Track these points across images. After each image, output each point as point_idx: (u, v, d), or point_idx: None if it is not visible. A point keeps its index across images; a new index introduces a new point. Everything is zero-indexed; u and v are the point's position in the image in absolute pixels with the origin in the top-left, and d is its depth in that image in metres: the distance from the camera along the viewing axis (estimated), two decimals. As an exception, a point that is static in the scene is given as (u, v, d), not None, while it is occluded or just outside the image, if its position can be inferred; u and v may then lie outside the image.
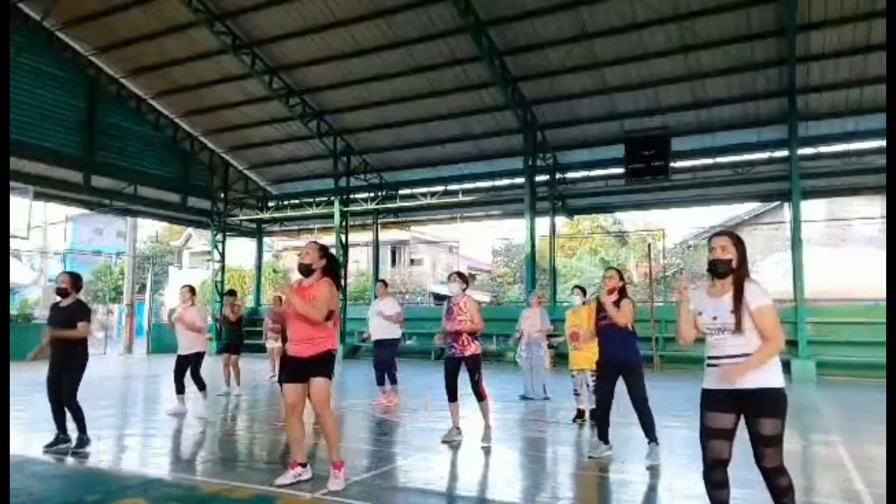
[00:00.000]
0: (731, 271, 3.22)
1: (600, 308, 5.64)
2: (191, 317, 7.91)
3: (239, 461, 5.68)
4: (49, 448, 5.56)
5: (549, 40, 14.10)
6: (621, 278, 5.69)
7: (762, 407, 3.07)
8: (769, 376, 3.09)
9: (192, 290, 8.33)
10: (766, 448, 3.06)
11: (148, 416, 8.49)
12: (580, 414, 7.47)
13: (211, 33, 15.09)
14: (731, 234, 3.35)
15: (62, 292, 5.73)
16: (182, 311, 8.01)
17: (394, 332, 9.13)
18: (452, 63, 15.19)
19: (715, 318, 3.19)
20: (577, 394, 7.54)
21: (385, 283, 9.70)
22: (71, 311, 5.64)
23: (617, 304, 5.51)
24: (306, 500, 4.19)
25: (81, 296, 5.90)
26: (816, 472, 5.52)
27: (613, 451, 5.54)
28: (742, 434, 3.18)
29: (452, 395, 6.22)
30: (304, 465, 4.55)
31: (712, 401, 3.19)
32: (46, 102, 16.63)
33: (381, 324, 9.05)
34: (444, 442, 6.15)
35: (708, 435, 3.19)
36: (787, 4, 12.12)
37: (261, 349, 12.68)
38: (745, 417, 3.13)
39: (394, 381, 8.99)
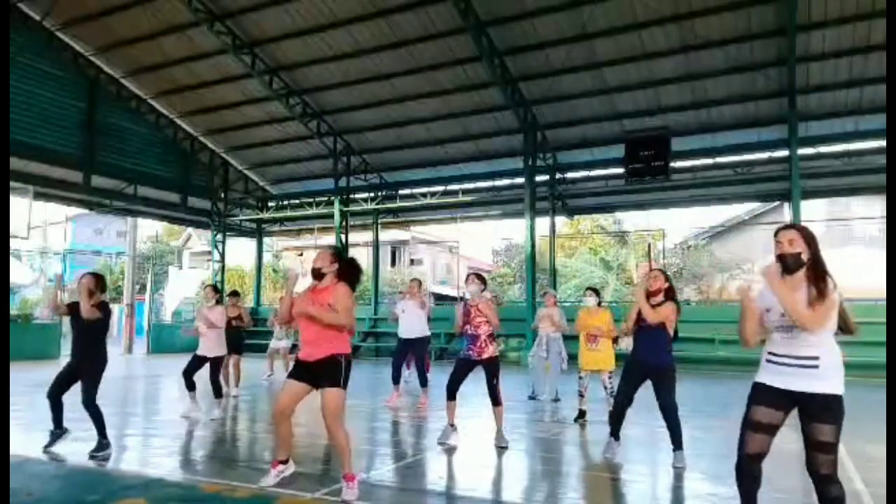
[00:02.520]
0: (801, 265, 3.08)
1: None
2: (214, 315, 7.89)
3: (239, 461, 5.68)
4: (47, 447, 5.56)
5: (549, 40, 14.09)
6: (667, 279, 5.48)
7: (820, 412, 2.96)
8: (829, 383, 2.97)
9: (215, 288, 8.42)
10: (822, 454, 2.95)
11: (148, 416, 8.49)
12: (581, 414, 7.49)
13: (211, 33, 15.08)
14: (799, 227, 3.21)
15: (87, 294, 5.59)
16: (205, 311, 7.98)
17: (425, 331, 9.11)
18: (452, 63, 15.18)
19: (783, 315, 3.04)
20: (581, 395, 7.55)
21: (420, 282, 9.52)
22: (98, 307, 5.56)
23: (659, 305, 5.33)
24: (306, 500, 4.19)
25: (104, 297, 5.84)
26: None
27: (620, 447, 5.54)
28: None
29: (452, 394, 6.18)
30: (285, 462, 4.51)
31: (766, 396, 3.09)
32: (46, 102, 16.61)
33: (414, 321, 8.98)
34: (439, 443, 6.14)
35: (753, 427, 3.10)
36: (787, 4, 12.12)
37: (261, 349, 12.69)
38: (801, 421, 3.02)
39: (424, 384, 8.89)
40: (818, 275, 3.04)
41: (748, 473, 3.12)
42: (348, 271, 4.54)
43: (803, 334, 3.00)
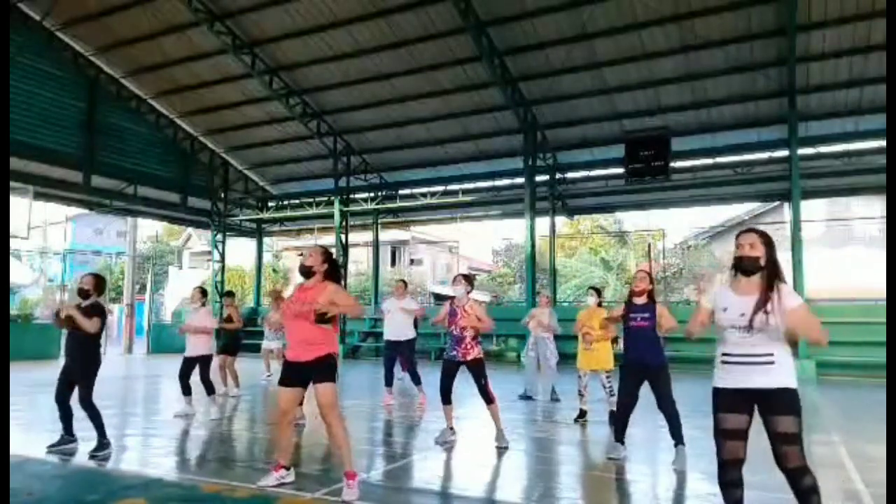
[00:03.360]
0: (759, 269, 3.17)
1: (630, 308, 5.54)
2: (199, 319, 7.86)
3: (239, 461, 5.68)
4: (52, 448, 5.55)
5: (549, 40, 14.09)
6: (651, 281, 5.66)
7: (778, 405, 3.04)
8: (784, 378, 3.08)
9: (203, 291, 8.31)
10: (787, 447, 3.01)
11: (148, 416, 8.49)
12: (582, 414, 7.48)
13: (211, 33, 15.08)
14: (759, 231, 3.28)
15: (84, 294, 5.58)
16: (193, 317, 7.97)
17: (411, 332, 9.11)
18: (452, 63, 15.18)
19: (742, 315, 3.12)
20: (581, 394, 7.55)
21: (405, 283, 9.59)
22: (89, 311, 5.54)
23: (647, 306, 5.49)
24: (306, 500, 4.19)
25: (103, 298, 5.82)
26: (816, 472, 5.47)
27: (627, 452, 5.55)
28: (755, 436, 3.16)
29: (446, 398, 6.18)
30: (287, 469, 4.53)
31: (726, 400, 3.16)
32: (46, 102, 16.62)
33: (400, 323, 8.98)
34: (437, 443, 6.15)
35: (723, 435, 3.16)
36: (787, 4, 12.12)
37: (259, 349, 12.68)
38: (761, 418, 3.09)
39: (418, 382, 8.87)
40: (769, 281, 3.15)
41: (729, 480, 3.18)
42: (335, 273, 4.64)
43: (760, 334, 3.09)
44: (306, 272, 4.55)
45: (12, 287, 26.68)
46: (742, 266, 3.19)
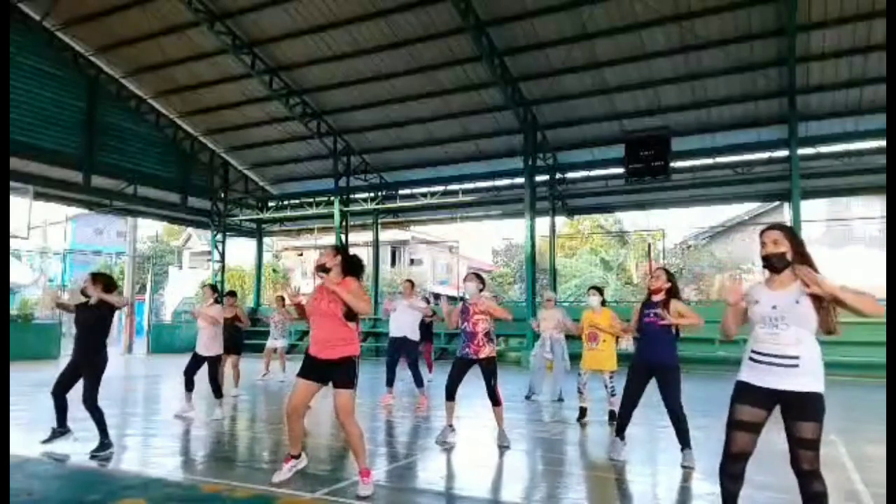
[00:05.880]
0: (787, 264, 3.14)
1: (648, 305, 5.40)
2: (213, 312, 7.99)
3: (239, 461, 5.68)
4: (45, 442, 5.58)
5: (549, 40, 14.09)
6: (669, 278, 5.43)
7: (805, 410, 3.03)
8: (814, 382, 3.06)
9: (214, 288, 8.55)
10: (806, 451, 3.02)
11: (148, 416, 8.49)
12: (583, 412, 7.48)
13: (211, 33, 15.08)
14: (783, 227, 3.27)
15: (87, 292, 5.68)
16: (204, 308, 8.09)
17: (416, 332, 9.09)
18: (452, 63, 15.18)
19: (774, 307, 3.10)
20: (580, 392, 7.54)
21: (412, 283, 9.60)
22: (98, 308, 5.62)
23: (665, 304, 5.27)
24: (306, 500, 4.19)
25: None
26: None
27: (627, 449, 5.54)
28: (765, 436, 3.15)
29: (451, 395, 6.16)
30: (297, 457, 4.58)
31: (749, 395, 3.15)
32: (46, 102, 16.61)
33: (406, 321, 8.96)
34: (437, 442, 6.14)
35: (738, 427, 3.15)
36: (787, 4, 12.12)
37: (260, 349, 12.70)
38: (784, 418, 3.08)
39: (420, 384, 8.86)
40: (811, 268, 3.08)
41: (732, 473, 3.18)
42: (352, 264, 4.64)
43: (786, 332, 3.07)
44: (323, 269, 4.58)
45: (12, 287, 26.68)
46: (769, 263, 3.17)
